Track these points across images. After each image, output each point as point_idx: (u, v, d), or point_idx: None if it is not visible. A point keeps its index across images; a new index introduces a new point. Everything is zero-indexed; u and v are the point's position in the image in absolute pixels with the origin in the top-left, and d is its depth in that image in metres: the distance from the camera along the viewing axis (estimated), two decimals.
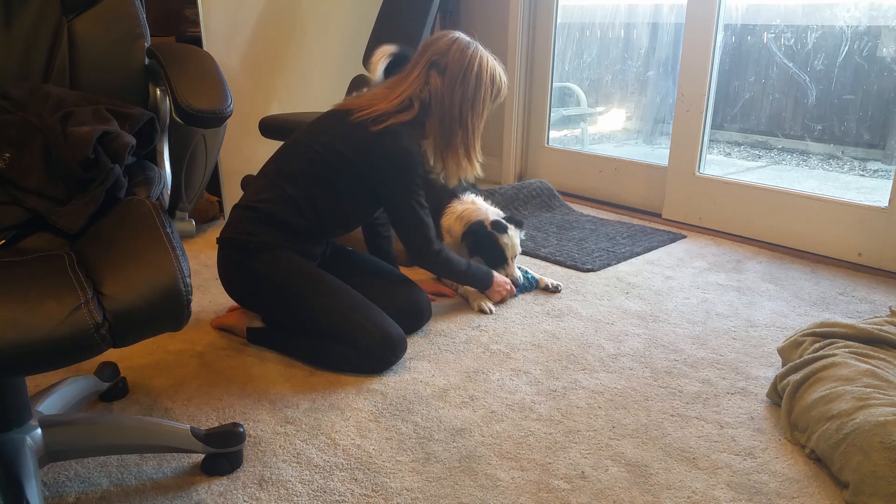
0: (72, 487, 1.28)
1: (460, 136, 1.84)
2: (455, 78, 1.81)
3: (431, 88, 1.82)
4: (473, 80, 1.82)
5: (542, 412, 1.54)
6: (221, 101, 1.10)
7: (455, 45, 1.83)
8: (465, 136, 1.85)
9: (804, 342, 1.66)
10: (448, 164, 1.88)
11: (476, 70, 1.82)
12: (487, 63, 1.85)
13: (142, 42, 1.31)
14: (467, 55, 1.82)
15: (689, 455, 1.39)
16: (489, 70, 1.85)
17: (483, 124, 1.90)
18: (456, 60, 1.82)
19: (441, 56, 1.82)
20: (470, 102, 1.83)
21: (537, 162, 3.61)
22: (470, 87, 1.82)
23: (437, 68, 1.82)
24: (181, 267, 0.98)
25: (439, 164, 1.89)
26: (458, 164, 1.87)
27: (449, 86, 1.81)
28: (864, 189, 3.16)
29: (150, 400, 1.57)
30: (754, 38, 3.11)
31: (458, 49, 1.83)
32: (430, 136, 1.88)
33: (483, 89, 1.84)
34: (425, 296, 1.94)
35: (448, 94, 1.81)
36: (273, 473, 1.32)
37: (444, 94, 1.81)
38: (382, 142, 1.79)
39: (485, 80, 1.84)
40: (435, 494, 1.26)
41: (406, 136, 1.81)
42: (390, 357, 1.69)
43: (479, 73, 1.83)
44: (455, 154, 1.86)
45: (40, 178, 1.11)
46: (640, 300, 2.17)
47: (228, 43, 2.84)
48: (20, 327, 0.86)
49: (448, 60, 1.82)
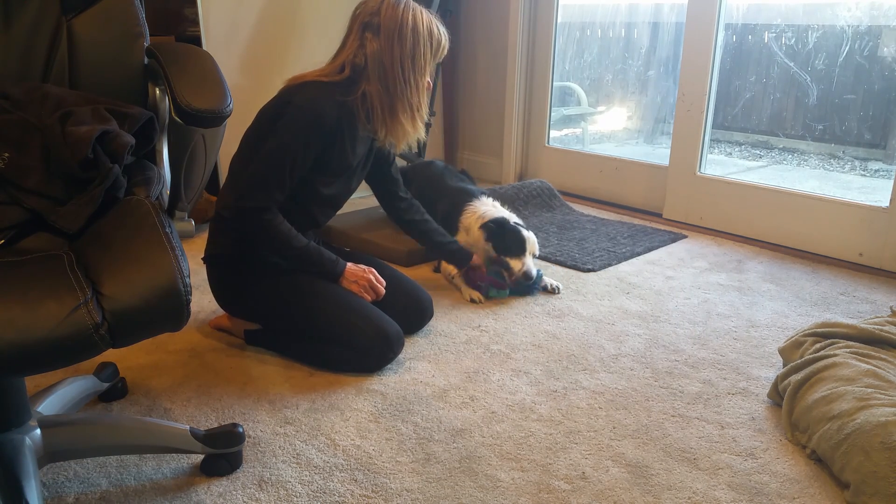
0: (71, 488, 1.28)
1: (405, 93, 1.77)
2: (391, 36, 1.74)
3: (367, 51, 1.75)
4: (410, 35, 1.75)
5: (542, 413, 1.54)
6: (221, 101, 1.09)
7: (385, 3, 1.76)
8: (409, 93, 1.77)
9: (805, 342, 1.65)
10: (393, 125, 1.79)
11: (412, 24, 1.75)
12: (423, 16, 1.79)
13: (141, 41, 1.31)
14: (398, 11, 1.75)
15: (689, 455, 1.39)
16: (426, 23, 1.78)
17: (425, 81, 1.82)
18: (389, 18, 1.74)
19: (373, 16, 1.76)
20: (410, 58, 1.76)
21: (538, 162, 3.60)
22: (408, 43, 1.75)
23: (370, 29, 1.75)
24: (180, 267, 0.97)
25: (382, 128, 1.80)
26: (403, 124, 1.80)
27: (387, 45, 1.74)
28: (865, 189, 3.15)
29: (150, 400, 1.57)
30: (755, 38, 3.11)
31: (389, 6, 1.76)
32: (373, 98, 1.78)
33: (422, 42, 1.77)
34: (427, 294, 1.94)
35: (387, 53, 1.74)
36: (273, 474, 1.32)
37: (382, 55, 1.74)
38: (299, 90, 1.73)
39: (422, 32, 1.77)
40: (435, 495, 1.26)
41: (324, 92, 1.74)
42: (387, 353, 1.69)
43: (414, 26, 1.76)
44: (402, 114, 1.78)
45: (39, 178, 1.10)
46: (640, 300, 2.17)
47: (228, 42, 2.84)
48: (19, 327, 0.86)
49: (381, 20, 1.75)
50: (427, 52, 1.79)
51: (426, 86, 1.82)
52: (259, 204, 1.66)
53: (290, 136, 1.68)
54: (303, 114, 1.69)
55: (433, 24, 1.80)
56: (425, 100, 1.83)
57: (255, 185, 1.67)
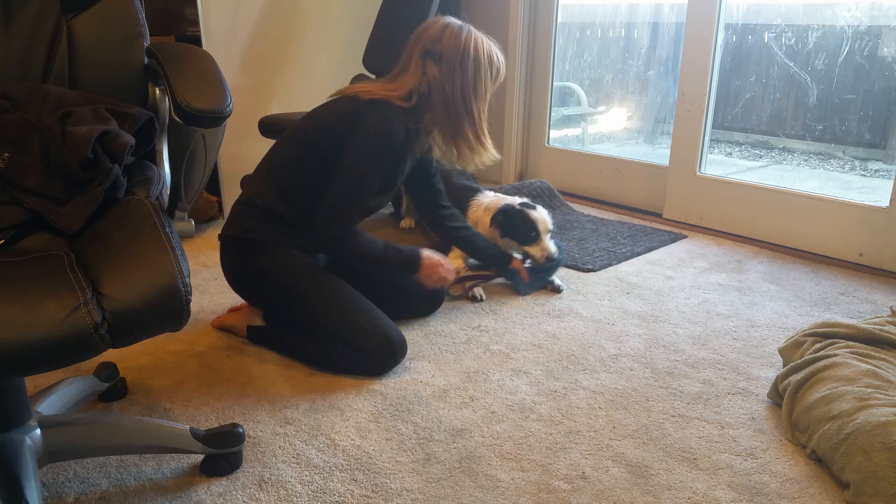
0: (71, 488, 1.28)
1: (467, 122, 1.81)
2: (453, 65, 1.77)
3: (430, 79, 1.78)
4: (472, 65, 1.78)
5: (542, 413, 1.54)
6: (221, 101, 1.09)
7: (448, 31, 1.78)
8: (472, 121, 1.82)
9: (805, 342, 1.65)
10: (461, 150, 1.84)
11: (473, 53, 1.78)
12: (483, 44, 1.80)
13: (141, 41, 1.31)
14: (461, 39, 1.77)
15: (689, 455, 1.39)
16: (486, 52, 1.80)
17: (487, 106, 1.87)
18: (451, 46, 1.77)
19: (434, 44, 1.78)
20: (472, 87, 1.79)
21: (538, 161, 3.60)
22: (469, 72, 1.78)
23: (432, 57, 1.78)
24: (180, 267, 0.97)
25: (452, 152, 1.86)
26: (470, 149, 1.84)
27: (448, 74, 1.77)
28: (865, 189, 3.16)
29: (150, 400, 1.57)
30: (755, 38, 3.11)
31: (452, 34, 1.78)
32: (437, 127, 1.84)
33: (482, 72, 1.80)
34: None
35: (448, 82, 1.77)
36: (273, 474, 1.32)
37: (444, 82, 1.77)
38: (371, 109, 1.75)
39: (483, 62, 1.79)
40: (435, 495, 1.26)
41: (395, 114, 1.76)
42: (389, 361, 1.69)
43: (476, 56, 1.78)
44: (466, 140, 1.83)
45: (39, 178, 1.10)
46: (640, 300, 2.17)
47: (228, 42, 2.84)
48: (19, 327, 0.86)
49: (443, 47, 1.77)
50: (488, 81, 1.82)
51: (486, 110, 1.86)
52: (345, 231, 1.73)
53: (367, 163, 1.72)
54: (377, 139, 1.72)
55: (493, 51, 1.83)
56: (486, 125, 1.86)
57: (341, 213, 1.72)
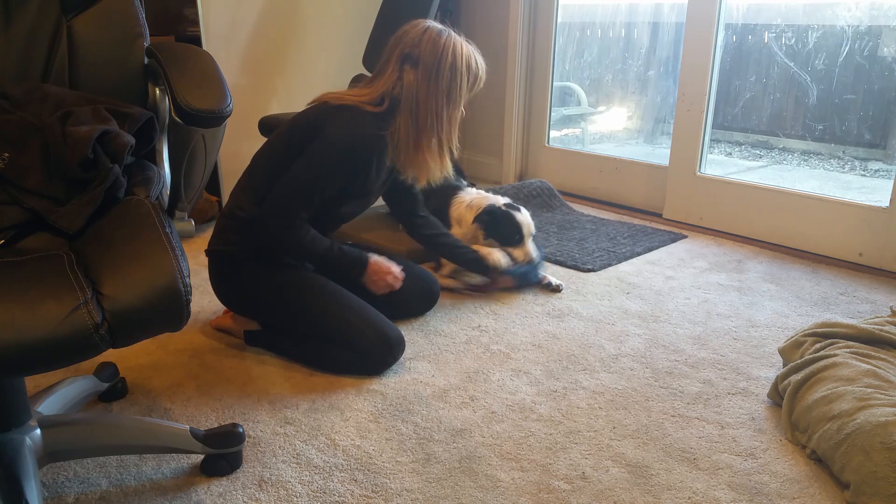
0: (71, 488, 1.28)
1: (434, 127, 1.75)
2: (430, 70, 1.72)
3: (405, 83, 1.73)
4: (448, 71, 1.73)
5: (542, 413, 1.54)
6: (221, 101, 1.09)
7: (427, 35, 1.74)
8: (440, 128, 1.76)
9: (805, 342, 1.65)
10: (416, 158, 1.77)
11: (451, 59, 1.73)
12: (462, 50, 1.76)
13: (141, 41, 1.31)
14: (440, 44, 1.73)
15: (689, 455, 1.39)
16: (464, 58, 1.76)
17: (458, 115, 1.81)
18: (429, 52, 1.72)
19: (413, 48, 1.74)
20: (445, 94, 1.74)
21: (538, 161, 3.60)
22: (445, 79, 1.73)
23: (409, 62, 1.74)
24: (180, 267, 0.97)
25: (407, 159, 1.78)
26: (427, 159, 1.78)
27: (423, 79, 1.73)
28: (865, 189, 3.15)
29: (150, 400, 1.57)
30: (755, 38, 3.11)
31: (430, 39, 1.73)
32: (400, 131, 1.76)
33: (459, 78, 1.75)
34: (434, 277, 2.06)
35: (423, 87, 1.73)
36: (273, 474, 1.32)
37: (417, 88, 1.73)
38: (337, 115, 1.72)
39: (460, 68, 1.75)
40: (435, 495, 1.26)
41: (364, 120, 1.72)
42: (387, 358, 1.69)
43: (453, 62, 1.73)
44: (426, 149, 1.77)
45: (39, 178, 1.10)
46: (640, 300, 2.17)
47: (228, 42, 2.84)
48: (19, 327, 0.86)
49: (420, 52, 1.73)
50: (463, 86, 1.78)
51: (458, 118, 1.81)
52: (284, 222, 1.69)
53: (322, 164, 1.69)
54: (336, 145, 1.70)
55: (472, 57, 1.79)
56: (455, 134, 1.81)
57: (283, 204, 1.69)
